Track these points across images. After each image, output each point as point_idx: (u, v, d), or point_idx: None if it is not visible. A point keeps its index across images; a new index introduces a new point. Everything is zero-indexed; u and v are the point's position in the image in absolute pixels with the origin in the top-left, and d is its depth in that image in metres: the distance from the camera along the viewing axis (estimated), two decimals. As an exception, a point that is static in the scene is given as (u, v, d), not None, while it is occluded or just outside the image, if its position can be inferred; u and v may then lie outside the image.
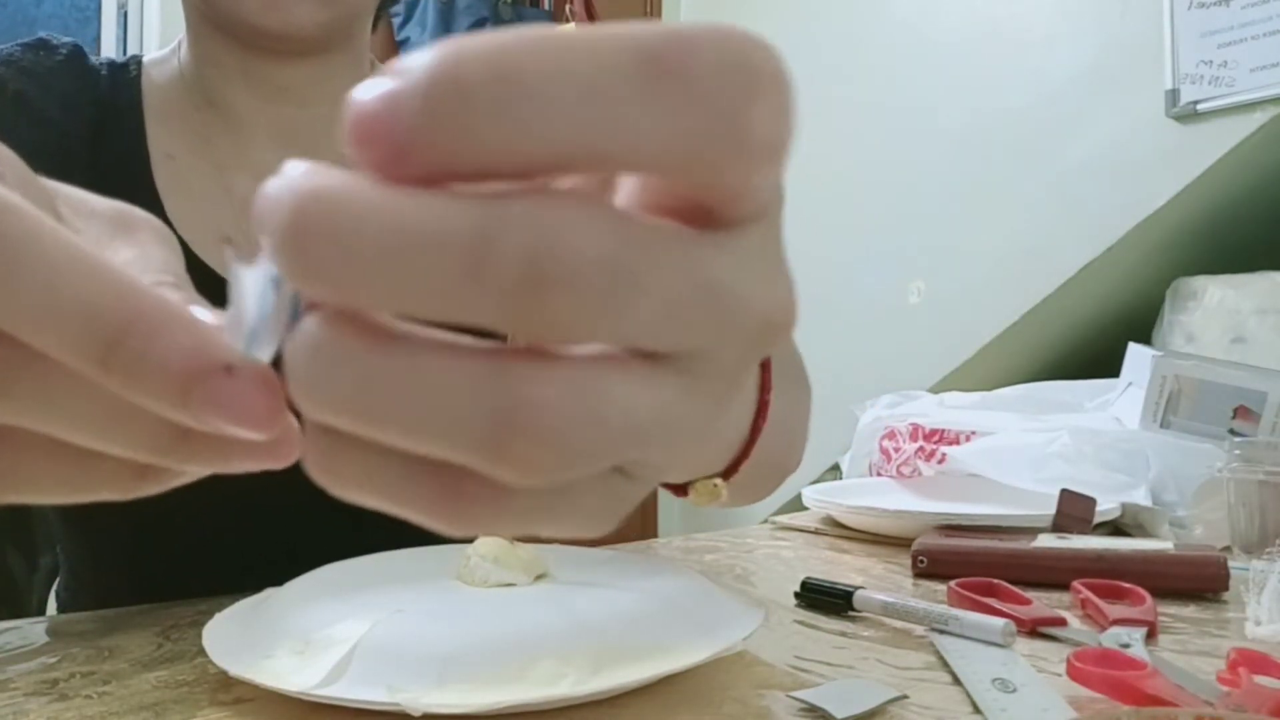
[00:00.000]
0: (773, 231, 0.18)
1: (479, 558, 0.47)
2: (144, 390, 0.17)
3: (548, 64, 0.13)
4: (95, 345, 0.17)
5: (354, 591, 0.45)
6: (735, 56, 0.14)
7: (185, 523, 0.64)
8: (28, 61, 0.61)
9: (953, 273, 2.08)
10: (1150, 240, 1.88)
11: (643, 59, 0.13)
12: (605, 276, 0.14)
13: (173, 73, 0.67)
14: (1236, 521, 0.69)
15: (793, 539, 0.80)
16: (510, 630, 0.38)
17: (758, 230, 0.17)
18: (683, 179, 0.15)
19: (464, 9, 2.33)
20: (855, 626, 0.51)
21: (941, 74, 2.16)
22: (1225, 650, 0.42)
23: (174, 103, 0.66)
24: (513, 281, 0.13)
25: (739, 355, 0.17)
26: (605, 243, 0.14)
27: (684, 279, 0.15)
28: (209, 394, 0.17)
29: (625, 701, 0.38)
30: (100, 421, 0.18)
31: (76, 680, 0.42)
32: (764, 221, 0.17)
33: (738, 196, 0.16)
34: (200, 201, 0.64)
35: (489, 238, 0.13)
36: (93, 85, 0.64)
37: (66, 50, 0.64)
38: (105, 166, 0.61)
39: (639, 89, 0.13)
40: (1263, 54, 1.67)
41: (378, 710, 0.34)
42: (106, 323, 0.17)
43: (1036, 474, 0.81)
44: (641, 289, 0.14)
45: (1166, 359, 0.89)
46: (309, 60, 0.64)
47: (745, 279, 0.16)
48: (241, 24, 0.60)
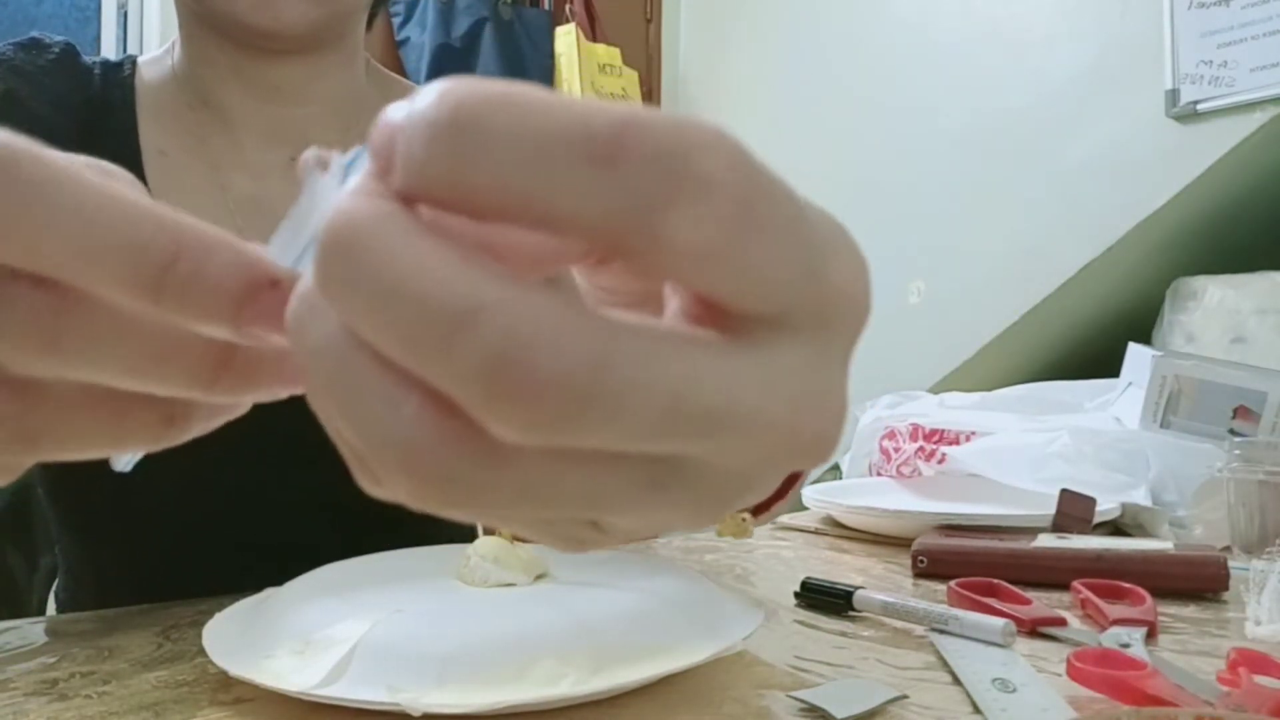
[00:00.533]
0: (816, 346, 0.16)
1: (479, 558, 0.47)
2: (198, 311, 0.18)
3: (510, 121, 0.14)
4: (147, 273, 0.18)
5: (354, 591, 0.45)
6: (670, 153, 0.14)
7: (185, 523, 0.64)
8: (19, 60, 0.61)
9: (953, 273, 2.08)
10: (1150, 240, 1.88)
11: (587, 135, 0.14)
12: (564, 393, 0.13)
13: (166, 72, 0.67)
14: (1236, 521, 0.69)
15: (793, 539, 0.80)
16: (510, 630, 0.38)
17: (785, 341, 0.16)
18: (620, 260, 0.15)
19: (464, 9, 2.33)
20: (855, 626, 0.51)
21: (941, 74, 2.16)
22: (1225, 650, 0.42)
23: (167, 101, 0.66)
24: (474, 371, 0.13)
25: (745, 468, 0.16)
26: (568, 358, 0.14)
27: (660, 389, 0.14)
28: (260, 308, 0.18)
29: (625, 701, 0.38)
30: (144, 362, 0.19)
31: (76, 680, 0.42)
32: (797, 333, 0.16)
33: (728, 297, 0.15)
34: (194, 198, 0.64)
35: (462, 324, 0.14)
36: (85, 84, 0.64)
37: (59, 49, 0.64)
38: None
39: (573, 164, 0.14)
40: (1263, 54, 1.67)
41: (378, 710, 0.34)
42: (155, 250, 0.18)
43: (1036, 474, 0.81)
44: (603, 406, 0.14)
45: (1166, 359, 0.89)
46: (301, 59, 0.64)
47: (751, 390, 0.15)
48: (234, 22, 0.60)
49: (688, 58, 2.87)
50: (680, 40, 2.89)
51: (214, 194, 0.65)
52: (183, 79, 0.67)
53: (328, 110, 0.68)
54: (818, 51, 2.44)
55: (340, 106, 0.68)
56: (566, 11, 2.49)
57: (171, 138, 0.65)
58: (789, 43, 2.52)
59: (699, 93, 2.83)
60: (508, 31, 2.37)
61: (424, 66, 2.27)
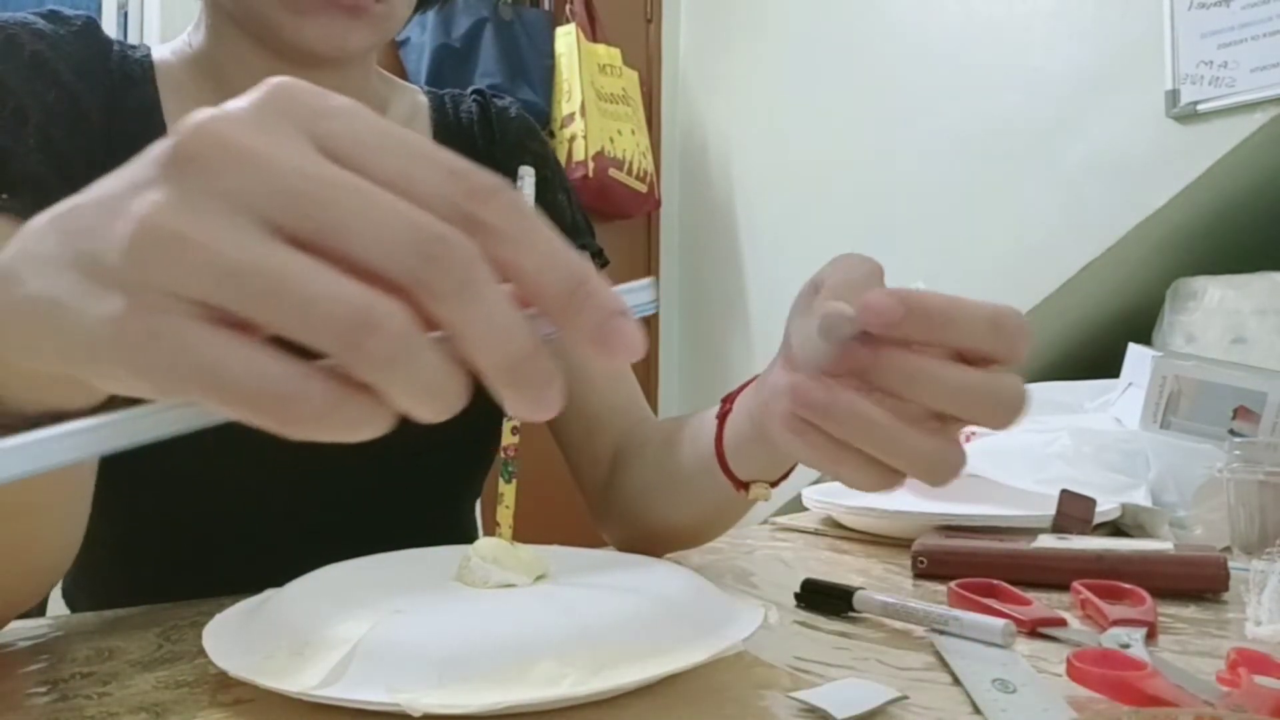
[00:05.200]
0: None
1: (479, 558, 0.47)
2: (586, 320, 0.24)
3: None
4: (566, 285, 0.24)
5: (354, 591, 0.45)
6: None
7: (185, 523, 0.64)
8: (43, 26, 0.61)
9: (953, 273, 2.08)
10: (1150, 240, 1.88)
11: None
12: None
13: (185, 59, 0.68)
14: (1236, 522, 0.69)
15: (793, 539, 0.80)
16: (510, 630, 0.38)
17: None
18: None
19: (464, 9, 2.33)
20: (855, 627, 0.51)
21: (941, 74, 2.16)
22: (1225, 650, 0.42)
23: (187, 82, 0.67)
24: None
25: None
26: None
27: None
28: (619, 328, 0.24)
29: (625, 702, 0.38)
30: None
31: (76, 680, 0.42)
32: None
33: None
34: None
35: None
36: (105, 55, 0.64)
37: (81, 21, 0.64)
38: (119, 135, 0.61)
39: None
40: (1263, 54, 1.67)
41: (378, 710, 0.34)
42: (574, 272, 0.24)
43: (1036, 474, 0.81)
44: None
45: (1166, 359, 0.89)
46: (334, 66, 0.65)
47: None
48: (292, 48, 0.61)
49: (688, 58, 2.87)
50: (680, 40, 2.89)
51: None
52: (205, 66, 0.67)
53: None
54: (818, 51, 2.44)
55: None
56: (566, 11, 2.49)
57: None
58: (789, 43, 2.52)
59: (699, 93, 2.83)
60: (507, 32, 2.36)
61: (424, 67, 2.27)
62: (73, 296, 0.24)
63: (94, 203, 0.25)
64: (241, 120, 0.23)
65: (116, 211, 0.23)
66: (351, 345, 0.22)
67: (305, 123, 0.24)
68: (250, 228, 0.22)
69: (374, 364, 0.22)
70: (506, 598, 0.44)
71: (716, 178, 2.75)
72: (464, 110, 0.78)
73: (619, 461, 0.71)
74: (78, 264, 0.24)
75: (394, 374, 0.22)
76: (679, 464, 0.62)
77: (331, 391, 0.22)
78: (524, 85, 2.34)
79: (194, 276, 0.22)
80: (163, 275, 0.22)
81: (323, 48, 0.60)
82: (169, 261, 0.22)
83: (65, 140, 0.58)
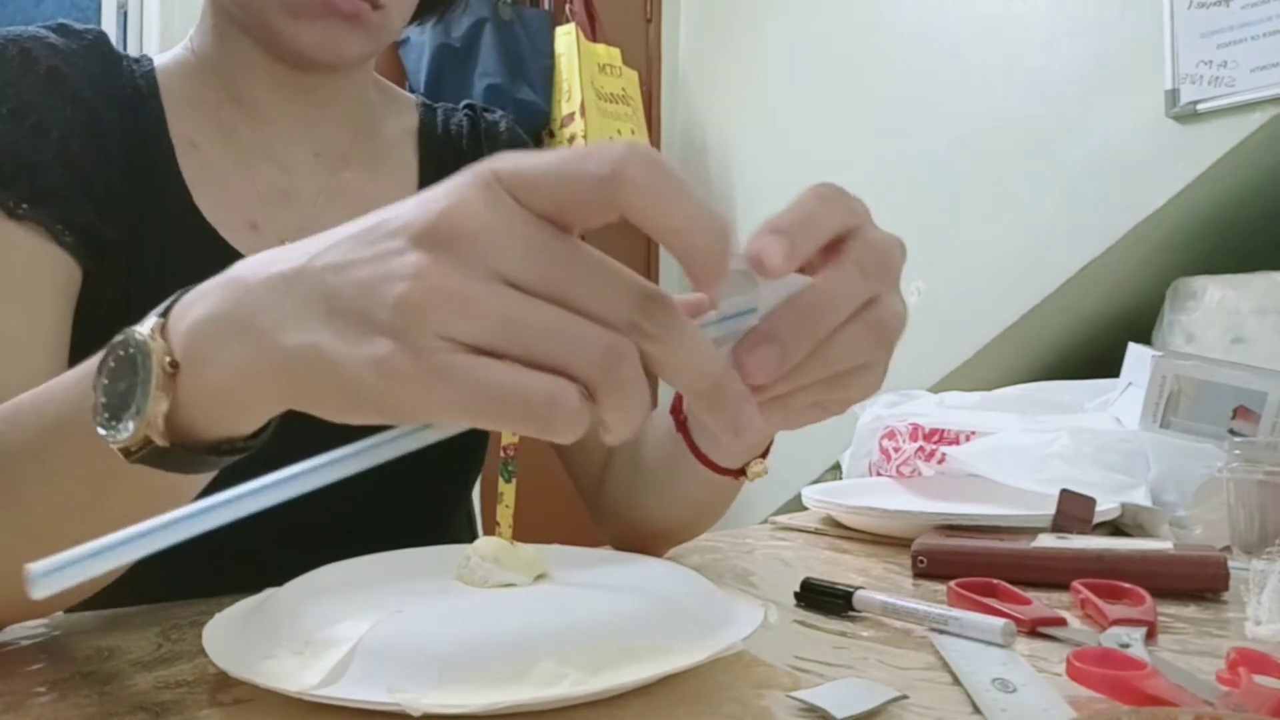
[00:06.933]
0: None
1: (479, 558, 0.47)
2: (723, 412, 0.30)
3: None
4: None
5: (354, 591, 0.45)
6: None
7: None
8: (55, 40, 0.62)
9: (953, 273, 2.08)
10: (1150, 240, 1.88)
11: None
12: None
13: (189, 67, 0.69)
14: (1236, 521, 0.69)
15: (793, 539, 0.80)
16: (510, 630, 0.38)
17: None
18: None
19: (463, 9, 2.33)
20: (855, 626, 0.51)
21: (941, 74, 2.16)
22: (1225, 650, 0.42)
23: (192, 93, 0.68)
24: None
25: None
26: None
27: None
28: (749, 418, 0.31)
29: (625, 701, 0.38)
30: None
31: (76, 680, 0.42)
32: None
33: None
34: (226, 189, 0.66)
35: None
36: (117, 71, 0.65)
37: (92, 35, 0.65)
38: (133, 152, 0.63)
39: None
40: (1263, 54, 1.67)
41: (378, 710, 0.34)
42: (715, 369, 0.30)
43: (1036, 474, 0.81)
44: None
45: (1166, 359, 0.89)
46: (334, 71, 0.67)
47: None
48: (292, 54, 0.63)
49: (688, 58, 2.87)
50: (680, 40, 2.89)
51: (244, 185, 0.67)
52: (209, 73, 0.68)
53: (345, 111, 0.72)
54: (818, 51, 2.44)
55: (355, 108, 0.72)
56: (566, 11, 2.49)
57: (201, 129, 0.67)
58: (789, 43, 2.52)
59: (699, 93, 2.83)
60: (508, 31, 2.36)
61: (423, 66, 2.26)
62: (340, 346, 0.28)
63: (329, 268, 0.29)
64: (474, 200, 0.28)
65: (378, 275, 0.28)
66: (607, 369, 0.27)
67: (516, 194, 0.28)
68: (505, 285, 0.27)
69: (618, 384, 0.27)
70: (506, 597, 0.45)
71: (716, 177, 2.75)
72: (454, 123, 0.80)
73: (611, 459, 0.73)
74: (337, 318, 0.28)
75: (625, 394, 0.28)
76: (657, 460, 0.65)
77: (580, 397, 0.27)
78: (524, 85, 2.34)
79: (475, 324, 0.27)
80: (440, 324, 0.27)
81: (320, 53, 0.62)
82: (448, 313, 0.27)
83: (84, 154, 0.60)
